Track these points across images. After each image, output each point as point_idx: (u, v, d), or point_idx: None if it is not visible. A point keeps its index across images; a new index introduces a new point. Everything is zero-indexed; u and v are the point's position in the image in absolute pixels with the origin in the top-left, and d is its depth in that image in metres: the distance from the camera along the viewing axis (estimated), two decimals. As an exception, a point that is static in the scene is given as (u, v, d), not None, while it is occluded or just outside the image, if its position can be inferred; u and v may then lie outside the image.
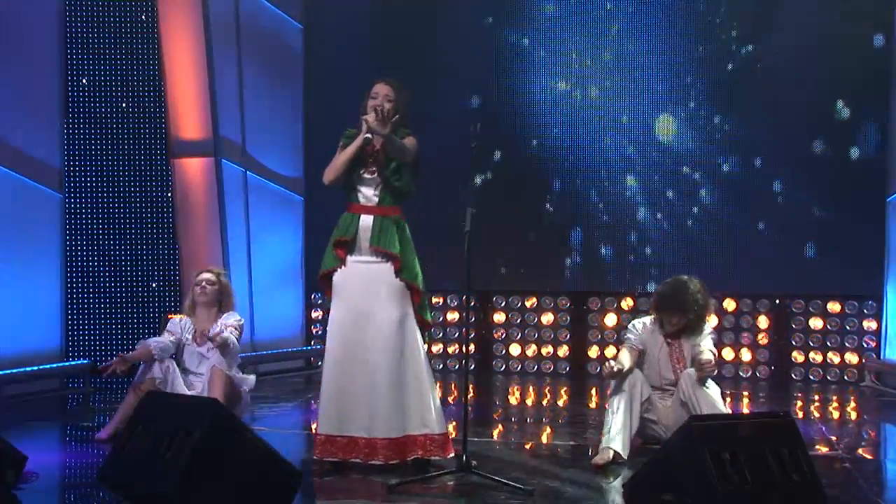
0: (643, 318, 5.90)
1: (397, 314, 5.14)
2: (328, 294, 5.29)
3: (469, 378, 5.70)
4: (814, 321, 8.98)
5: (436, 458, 5.16)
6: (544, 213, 9.32)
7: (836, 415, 7.57)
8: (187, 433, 3.92)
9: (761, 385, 8.83)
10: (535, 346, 9.41)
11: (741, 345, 9.06)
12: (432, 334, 9.37)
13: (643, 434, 5.68)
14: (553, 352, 9.39)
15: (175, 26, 8.52)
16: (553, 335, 9.38)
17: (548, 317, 9.40)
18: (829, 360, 8.94)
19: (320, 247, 5.33)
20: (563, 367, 9.34)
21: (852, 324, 8.92)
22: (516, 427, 7.01)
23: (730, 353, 9.05)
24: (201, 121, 8.56)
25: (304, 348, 9.50)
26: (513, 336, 9.44)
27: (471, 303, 7.57)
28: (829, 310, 8.96)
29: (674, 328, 5.76)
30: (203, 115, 8.55)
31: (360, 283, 5.16)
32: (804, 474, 4.07)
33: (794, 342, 9.02)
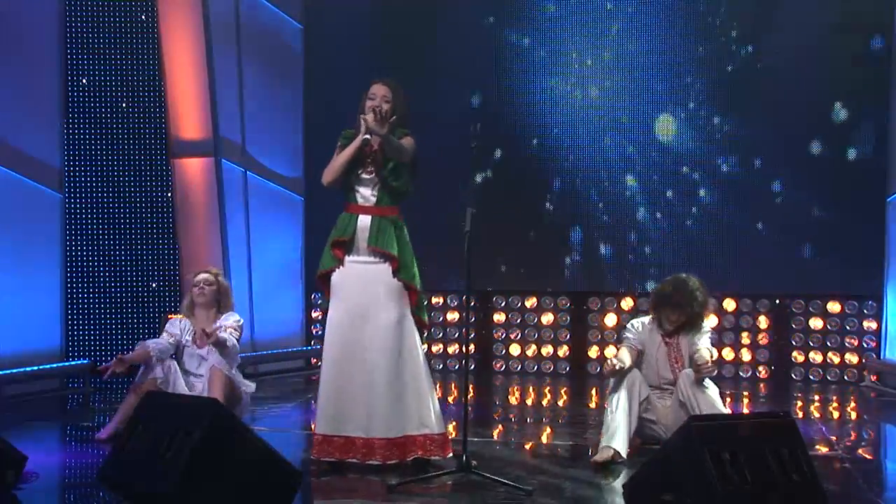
0: (641, 318, 5.93)
1: (396, 314, 5.14)
2: (326, 294, 5.30)
3: (469, 378, 5.70)
4: (814, 321, 8.98)
5: (435, 458, 5.16)
6: (544, 213, 9.32)
7: (836, 415, 7.56)
8: (187, 433, 3.93)
9: (761, 385, 8.83)
10: (535, 346, 9.41)
11: (741, 345, 9.06)
12: (433, 334, 9.38)
13: (642, 434, 5.69)
14: (553, 352, 9.39)
15: (175, 26, 8.52)
16: (553, 335, 9.38)
17: (548, 317, 9.40)
18: (829, 360, 8.93)
19: (320, 247, 5.32)
20: (563, 367, 9.35)
21: (852, 324, 8.92)
22: (516, 427, 7.00)
23: (730, 353, 9.05)
24: (201, 121, 8.57)
25: (304, 348, 9.49)
26: (513, 336, 9.44)
27: (471, 303, 7.57)
28: (829, 310, 8.95)
29: (673, 326, 5.76)
30: (203, 115, 8.55)
31: (359, 284, 5.16)
32: (804, 474, 4.07)
33: (794, 342, 9.02)
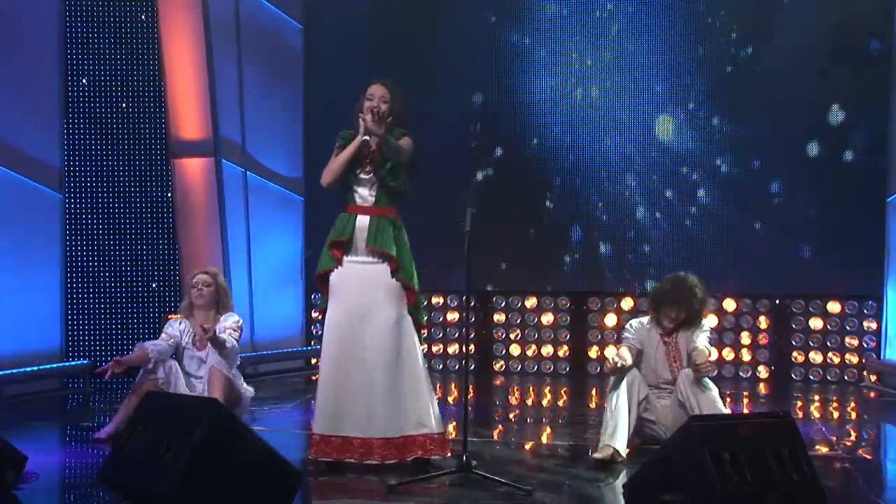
0: (640, 318, 5.94)
1: (394, 314, 5.14)
2: (325, 294, 5.29)
3: (469, 378, 5.70)
4: (814, 321, 8.98)
5: (435, 458, 5.16)
6: (544, 213, 9.32)
7: (836, 415, 7.57)
8: (187, 433, 3.92)
9: (761, 385, 8.82)
10: (535, 347, 9.40)
11: (741, 345, 9.06)
12: (433, 334, 9.38)
13: (642, 434, 5.69)
14: (553, 352, 9.39)
15: (175, 26, 8.52)
16: (553, 335, 9.38)
17: (548, 317, 9.40)
18: (829, 360, 8.93)
19: (320, 247, 5.32)
20: (563, 367, 9.34)
21: (852, 324, 8.91)
22: (516, 427, 7.00)
23: (730, 354, 9.05)
24: (201, 121, 8.56)
25: (304, 348, 9.49)
26: (513, 336, 9.44)
27: (471, 303, 7.56)
28: (829, 310, 8.95)
29: (672, 324, 5.76)
30: (203, 115, 8.55)
31: (357, 284, 5.16)
32: (804, 474, 4.08)
33: (794, 342, 9.02)
